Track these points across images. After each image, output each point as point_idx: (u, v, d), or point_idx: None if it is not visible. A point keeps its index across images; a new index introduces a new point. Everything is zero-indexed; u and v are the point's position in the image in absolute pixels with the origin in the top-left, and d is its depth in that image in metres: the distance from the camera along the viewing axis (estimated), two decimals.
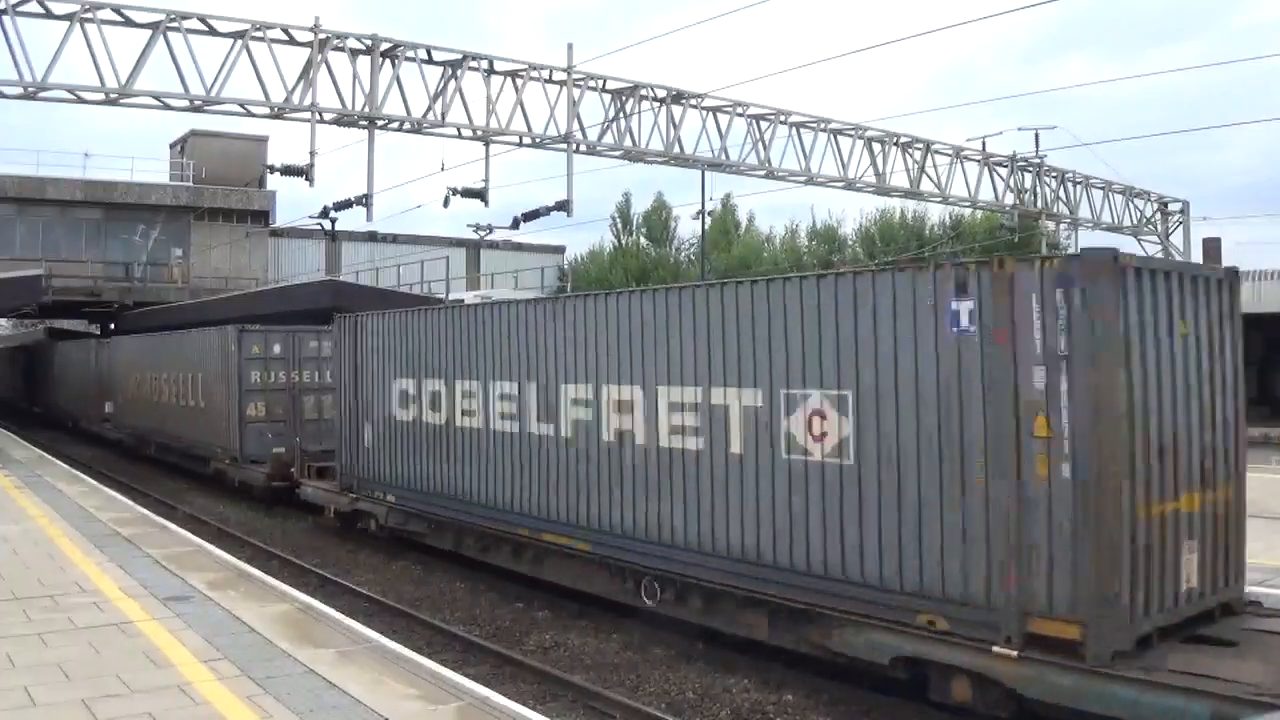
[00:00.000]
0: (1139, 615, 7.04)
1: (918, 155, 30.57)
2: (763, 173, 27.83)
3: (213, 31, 20.14)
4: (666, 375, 10.18)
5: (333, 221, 26.28)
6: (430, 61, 22.31)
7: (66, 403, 38.01)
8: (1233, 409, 8.17)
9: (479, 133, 23.04)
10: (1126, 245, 33.57)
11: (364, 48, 21.47)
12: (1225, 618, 7.88)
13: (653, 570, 10.40)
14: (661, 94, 25.33)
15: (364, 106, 21.42)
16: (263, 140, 44.36)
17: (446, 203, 23.54)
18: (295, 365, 20.94)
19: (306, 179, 21.17)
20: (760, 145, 27.09)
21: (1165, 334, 7.50)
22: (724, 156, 26.73)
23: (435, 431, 13.94)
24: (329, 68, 21.07)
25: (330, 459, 17.65)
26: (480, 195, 23.62)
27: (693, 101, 25.92)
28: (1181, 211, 38.38)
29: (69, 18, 18.64)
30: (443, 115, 22.40)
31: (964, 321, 7.66)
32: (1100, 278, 6.98)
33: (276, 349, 20.92)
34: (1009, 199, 33.72)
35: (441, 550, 14.71)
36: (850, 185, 29.36)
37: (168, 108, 20.27)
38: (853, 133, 28.88)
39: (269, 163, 26.63)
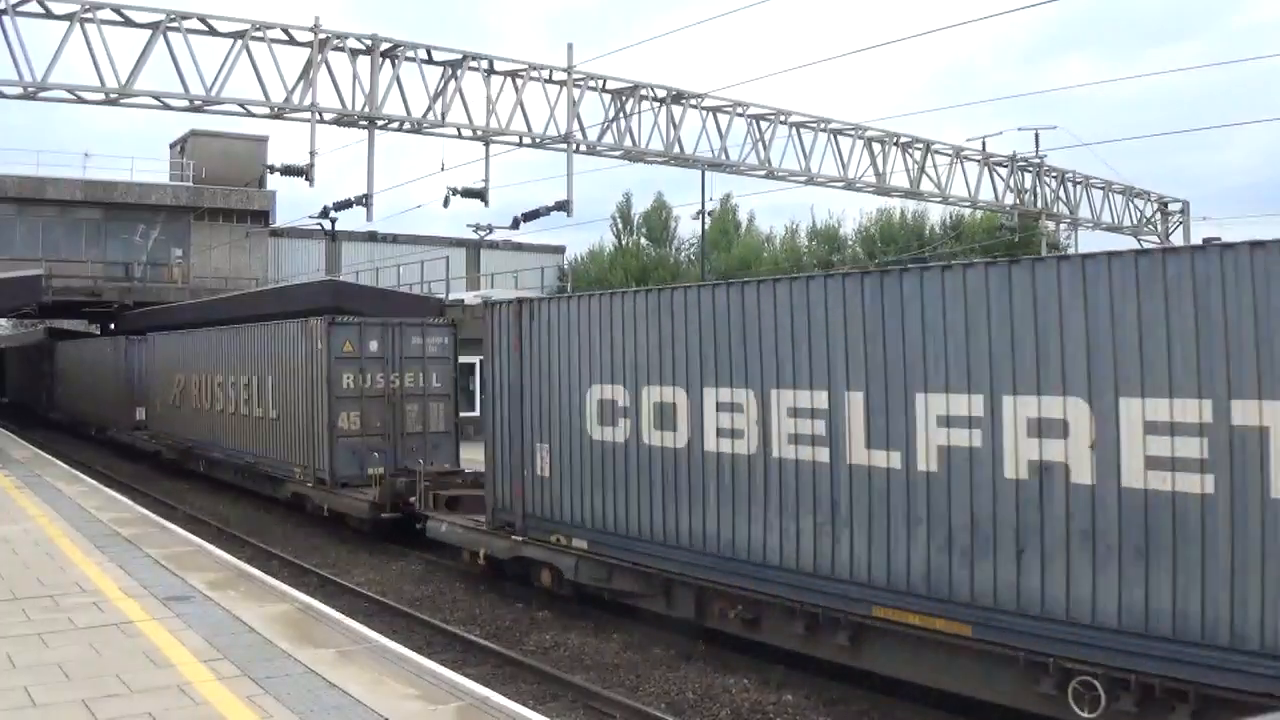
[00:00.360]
0: None
1: (918, 155, 30.56)
2: (763, 173, 27.82)
3: (213, 31, 20.13)
4: (1139, 383, 7.00)
5: (333, 221, 26.26)
6: (430, 61, 22.30)
7: (88, 408, 34.26)
8: None
9: (479, 133, 23.03)
10: (1127, 245, 33.55)
11: (364, 48, 21.46)
12: None
13: (1098, 667, 7.23)
14: (661, 94, 25.32)
15: (364, 106, 21.40)
16: (263, 140, 44.34)
17: (446, 203, 23.51)
18: (395, 366, 17.63)
19: (306, 179, 21.15)
20: (760, 145, 27.07)
21: None
22: (724, 156, 26.71)
23: (664, 457, 10.46)
24: (329, 68, 21.07)
25: (451, 484, 14.87)
26: (480, 195, 23.59)
27: (693, 101, 25.91)
28: (1181, 211, 38.37)
29: (69, 18, 18.62)
30: (443, 115, 22.39)
31: None
32: None
33: (373, 346, 17.49)
34: (1009, 199, 33.71)
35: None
36: (850, 185, 29.34)
37: (168, 108, 20.26)
38: (853, 133, 28.87)
39: (269, 163, 26.63)
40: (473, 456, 18.15)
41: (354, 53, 21.36)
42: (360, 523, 16.62)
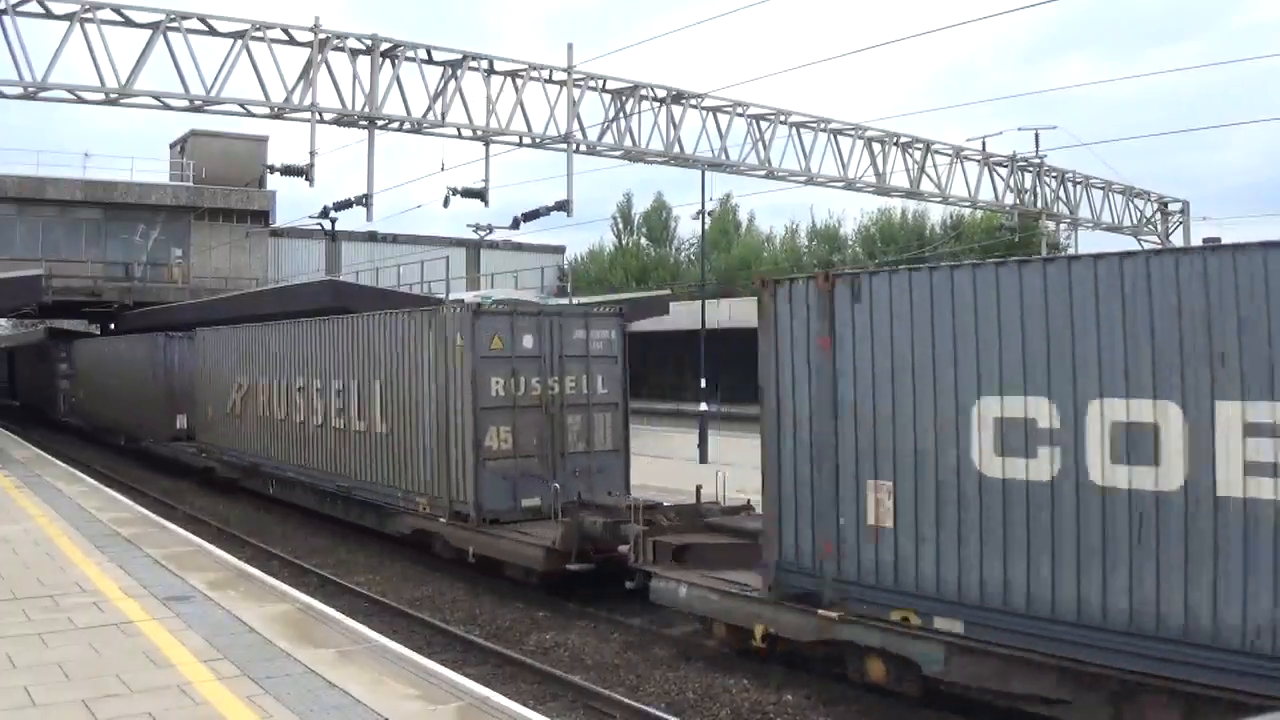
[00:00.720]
0: None
1: (918, 155, 30.56)
2: (763, 173, 27.84)
3: (213, 31, 20.14)
4: None
5: (333, 221, 26.27)
6: (430, 61, 22.31)
7: (114, 414, 30.78)
8: None
9: (479, 133, 23.03)
10: (1127, 246, 33.53)
11: (364, 48, 21.46)
12: None
13: None
14: (661, 94, 25.33)
15: (364, 106, 21.41)
16: (263, 140, 44.40)
17: (446, 203, 23.51)
18: (554, 367, 14.15)
19: (306, 179, 21.15)
20: (760, 145, 27.09)
21: None
22: (724, 156, 26.73)
23: (1133, 504, 7.15)
24: (329, 68, 21.08)
25: (658, 524, 11.36)
26: (480, 195, 23.60)
27: (693, 101, 25.92)
28: (1181, 211, 38.38)
29: (69, 18, 18.63)
30: (443, 115, 22.40)
31: None
32: None
33: (527, 342, 14.00)
34: (1009, 199, 33.71)
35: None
36: (850, 185, 29.37)
37: (168, 108, 20.28)
38: (853, 133, 28.88)
39: (269, 163, 26.67)
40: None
41: (354, 53, 21.36)
42: (527, 574, 12.84)
